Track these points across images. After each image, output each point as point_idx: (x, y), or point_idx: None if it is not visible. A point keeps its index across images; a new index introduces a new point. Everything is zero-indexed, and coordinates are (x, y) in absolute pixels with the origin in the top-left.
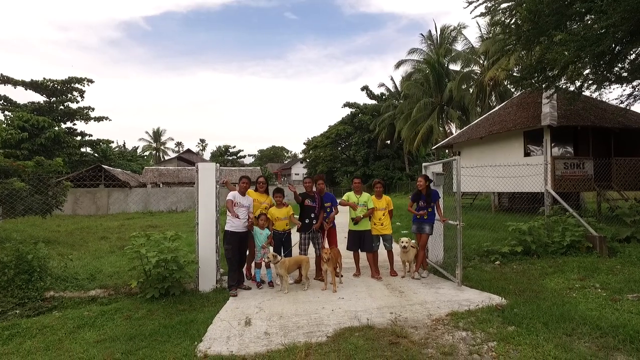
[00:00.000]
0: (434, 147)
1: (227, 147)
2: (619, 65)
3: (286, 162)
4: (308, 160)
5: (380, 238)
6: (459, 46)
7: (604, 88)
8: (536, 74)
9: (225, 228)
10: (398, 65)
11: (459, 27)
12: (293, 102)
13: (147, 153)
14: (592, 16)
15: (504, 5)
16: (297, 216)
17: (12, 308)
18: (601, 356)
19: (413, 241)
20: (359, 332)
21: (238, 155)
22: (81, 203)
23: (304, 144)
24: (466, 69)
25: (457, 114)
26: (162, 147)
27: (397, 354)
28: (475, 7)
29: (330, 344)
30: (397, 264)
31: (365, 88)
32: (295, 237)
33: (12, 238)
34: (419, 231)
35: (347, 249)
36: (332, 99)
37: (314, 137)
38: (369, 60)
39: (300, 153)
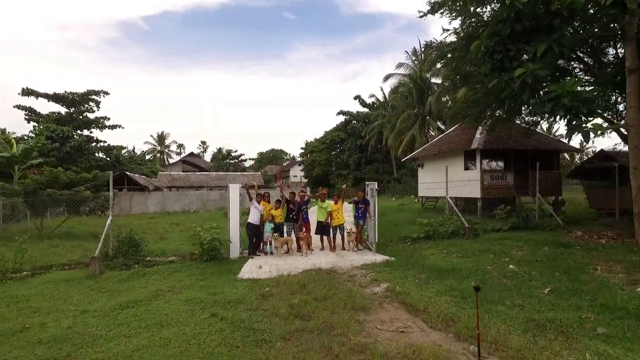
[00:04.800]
0: (403, 160)
1: (229, 152)
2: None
3: (285, 164)
4: (305, 164)
5: (338, 228)
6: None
7: (511, 122)
8: (461, 111)
9: (248, 221)
10: (386, 78)
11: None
12: (292, 103)
13: (151, 156)
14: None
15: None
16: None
17: (133, 264)
18: (416, 276)
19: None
20: (314, 271)
21: (239, 159)
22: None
23: (302, 148)
24: (445, 83)
25: (437, 125)
26: (166, 150)
27: (329, 276)
28: (433, 51)
29: (299, 274)
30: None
31: (357, 97)
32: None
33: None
34: (357, 223)
35: (315, 233)
36: (331, 100)
37: (310, 141)
38: (367, 60)
39: (299, 156)
